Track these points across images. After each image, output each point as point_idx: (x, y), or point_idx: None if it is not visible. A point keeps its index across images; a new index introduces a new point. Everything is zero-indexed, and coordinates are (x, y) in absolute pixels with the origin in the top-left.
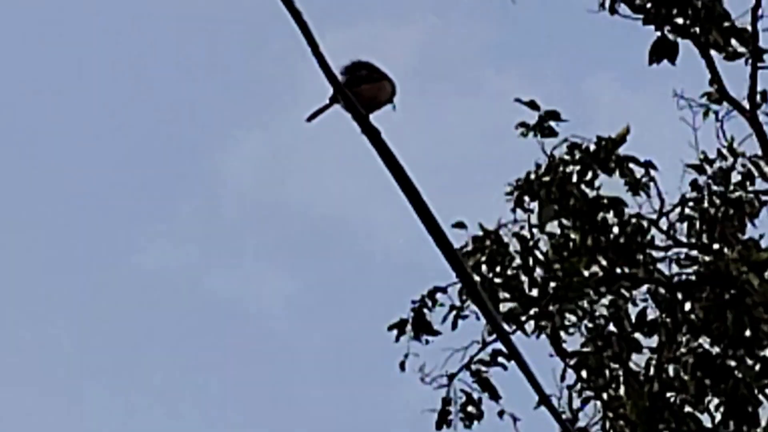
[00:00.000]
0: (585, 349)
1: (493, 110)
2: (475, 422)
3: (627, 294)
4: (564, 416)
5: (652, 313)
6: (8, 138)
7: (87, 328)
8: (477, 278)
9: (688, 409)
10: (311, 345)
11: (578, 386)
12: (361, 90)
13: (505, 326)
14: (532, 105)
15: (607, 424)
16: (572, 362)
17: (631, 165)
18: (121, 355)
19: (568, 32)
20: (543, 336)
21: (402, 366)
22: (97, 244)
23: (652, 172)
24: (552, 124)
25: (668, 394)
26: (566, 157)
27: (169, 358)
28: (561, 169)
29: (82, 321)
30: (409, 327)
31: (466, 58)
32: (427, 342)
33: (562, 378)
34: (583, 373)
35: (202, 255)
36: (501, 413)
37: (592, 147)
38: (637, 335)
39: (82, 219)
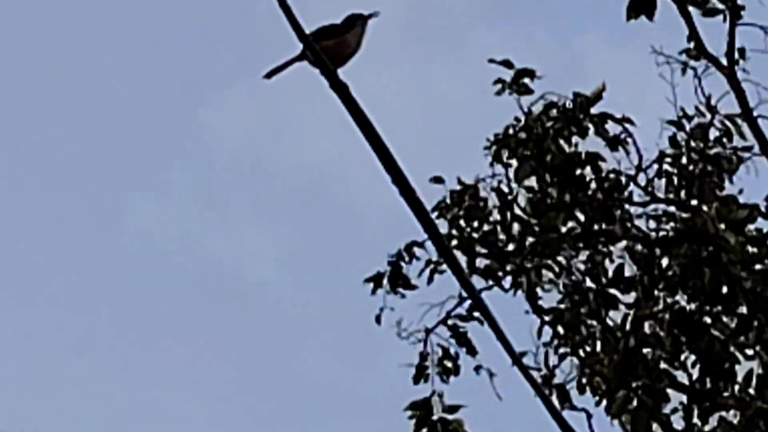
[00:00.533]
0: (561, 306)
1: (479, 67)
2: (452, 377)
3: (604, 250)
4: (540, 373)
5: (629, 270)
6: None
7: (76, 293)
8: (455, 233)
9: (663, 365)
10: (301, 304)
11: (555, 343)
12: (325, 45)
13: (482, 282)
14: (507, 64)
15: (584, 381)
16: (549, 319)
17: (608, 122)
18: (109, 319)
19: None
20: (520, 292)
21: (378, 320)
22: (85, 206)
23: (630, 128)
24: (528, 81)
25: (644, 351)
26: (542, 117)
27: (160, 321)
28: (538, 125)
29: (70, 283)
30: (385, 280)
31: (455, 13)
32: (403, 296)
33: (539, 335)
34: (560, 330)
35: (190, 215)
36: (477, 368)
37: (569, 104)
38: (614, 291)
39: (68, 180)
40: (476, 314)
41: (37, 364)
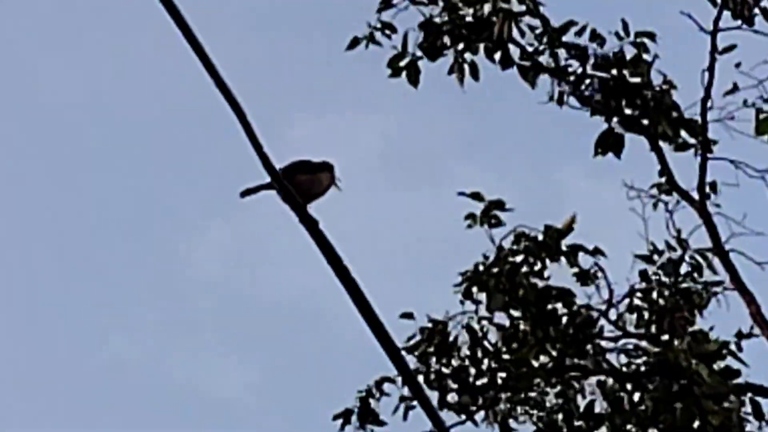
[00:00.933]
0: None
1: (452, 201)
2: None
3: (576, 385)
4: None
5: (599, 406)
6: None
7: (53, 417)
8: (424, 369)
9: None
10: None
11: None
12: (297, 180)
13: (454, 417)
14: (476, 197)
15: None
16: None
17: (580, 253)
18: None
19: (533, 123)
20: (492, 427)
21: None
22: (66, 334)
23: (601, 262)
24: (499, 213)
25: None
26: (514, 247)
27: None
28: (509, 259)
29: (47, 407)
30: (354, 417)
31: (431, 149)
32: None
33: None
34: None
35: (163, 344)
36: None
37: (540, 237)
38: (585, 427)
39: (50, 306)
40: None
41: None
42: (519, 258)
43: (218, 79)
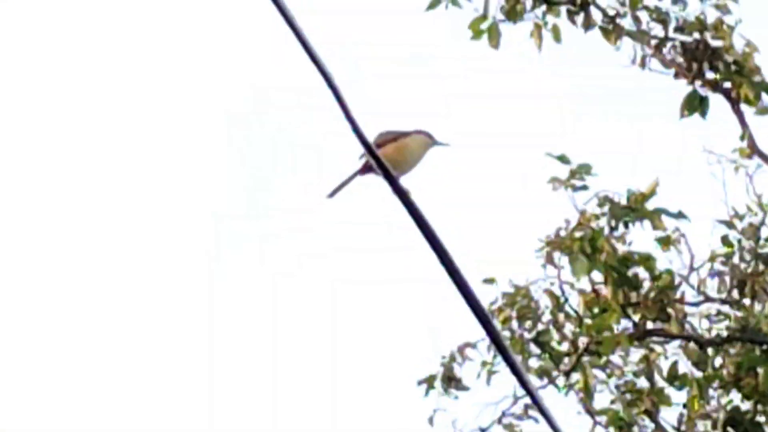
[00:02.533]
0: (614, 406)
1: (538, 162)
2: None
3: (658, 349)
4: None
5: (683, 367)
6: None
7: None
8: (507, 333)
9: None
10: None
11: None
12: (385, 151)
13: (537, 382)
14: (563, 159)
15: None
16: (602, 419)
17: (663, 217)
18: None
19: (615, 85)
20: (573, 392)
21: (431, 421)
22: None
23: (683, 228)
24: (584, 178)
25: None
26: (597, 211)
27: None
28: (591, 223)
29: None
30: (438, 382)
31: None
32: (456, 397)
33: None
34: (612, 430)
35: None
36: None
37: (623, 201)
38: (668, 390)
39: None
40: (531, 413)
41: None
42: (602, 222)
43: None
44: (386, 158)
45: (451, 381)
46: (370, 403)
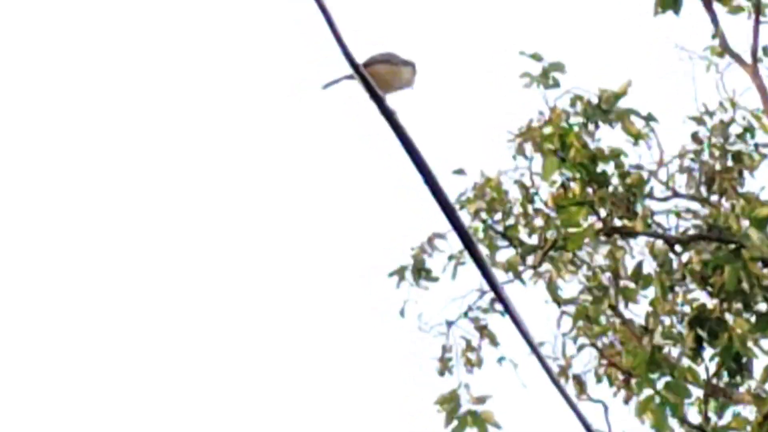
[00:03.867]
0: (581, 297)
1: (512, 61)
2: (476, 368)
3: (625, 245)
4: (558, 362)
5: (648, 266)
6: None
7: None
8: (478, 224)
9: (685, 360)
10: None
11: (573, 333)
12: (377, 71)
13: (503, 275)
14: (535, 57)
15: (601, 372)
16: (568, 309)
17: (632, 117)
18: None
19: None
20: (541, 283)
21: (402, 313)
22: None
23: (653, 124)
24: (556, 75)
25: (665, 345)
26: (569, 109)
27: None
28: (563, 120)
29: None
30: (408, 273)
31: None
32: (427, 288)
33: (558, 325)
34: (579, 321)
35: None
36: (500, 359)
37: (594, 99)
38: (634, 287)
39: None
40: (497, 307)
41: None
42: (572, 120)
43: None
44: (378, 78)
45: (420, 272)
46: (344, 295)
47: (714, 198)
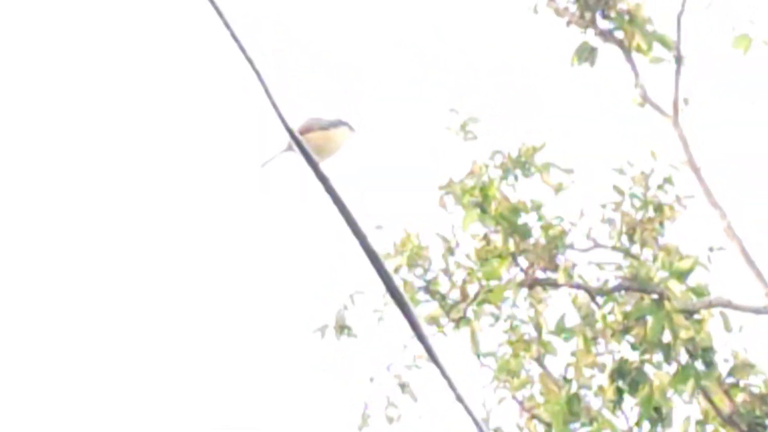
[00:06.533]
0: (501, 350)
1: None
2: (395, 422)
3: (546, 297)
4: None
5: (570, 321)
6: None
7: None
8: (398, 282)
9: (605, 412)
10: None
11: (494, 385)
12: (309, 138)
13: (426, 328)
14: (453, 110)
15: (522, 424)
16: (488, 362)
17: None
18: None
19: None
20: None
21: (324, 368)
22: None
23: (574, 176)
24: (474, 128)
25: (585, 396)
26: (489, 163)
27: None
28: (483, 173)
29: None
30: (331, 330)
31: None
32: (348, 344)
33: (478, 377)
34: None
35: None
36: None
37: (514, 153)
38: (555, 340)
39: None
40: (417, 363)
41: None
42: (492, 173)
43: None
44: (312, 143)
45: (342, 329)
46: (269, 350)
47: (635, 249)
